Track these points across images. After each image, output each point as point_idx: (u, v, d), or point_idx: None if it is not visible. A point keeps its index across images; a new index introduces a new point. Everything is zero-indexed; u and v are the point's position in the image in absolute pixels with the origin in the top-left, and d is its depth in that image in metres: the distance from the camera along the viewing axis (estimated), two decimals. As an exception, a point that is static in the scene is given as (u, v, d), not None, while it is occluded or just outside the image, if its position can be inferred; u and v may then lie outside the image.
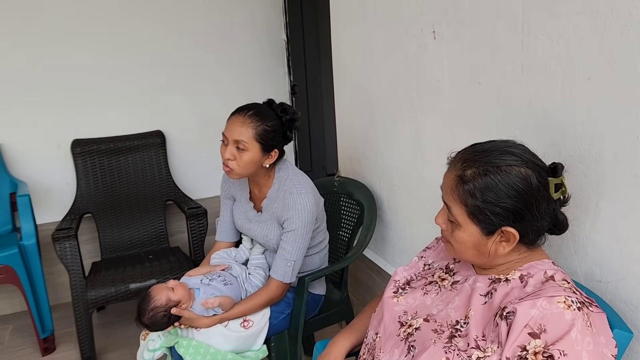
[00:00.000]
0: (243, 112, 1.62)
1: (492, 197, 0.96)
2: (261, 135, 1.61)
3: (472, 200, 0.98)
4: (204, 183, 3.06)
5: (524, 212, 0.97)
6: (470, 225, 1.01)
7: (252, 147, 1.61)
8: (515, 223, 0.97)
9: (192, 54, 3.02)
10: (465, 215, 1.00)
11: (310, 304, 1.83)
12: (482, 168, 0.98)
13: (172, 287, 1.59)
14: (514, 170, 0.97)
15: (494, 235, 1.00)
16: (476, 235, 1.01)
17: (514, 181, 0.96)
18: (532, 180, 0.97)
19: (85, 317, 2.26)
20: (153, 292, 1.59)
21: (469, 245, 1.03)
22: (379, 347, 1.11)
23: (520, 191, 0.96)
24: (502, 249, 1.00)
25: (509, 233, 0.98)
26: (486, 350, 0.94)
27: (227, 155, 1.62)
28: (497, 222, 0.98)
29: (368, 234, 1.93)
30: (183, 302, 1.58)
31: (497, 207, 0.96)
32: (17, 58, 2.69)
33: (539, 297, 0.92)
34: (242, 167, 1.63)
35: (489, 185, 0.97)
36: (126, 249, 2.72)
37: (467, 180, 0.99)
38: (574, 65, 1.12)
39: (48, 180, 2.84)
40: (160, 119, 2.99)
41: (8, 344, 2.57)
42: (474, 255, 1.04)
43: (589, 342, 0.88)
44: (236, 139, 1.60)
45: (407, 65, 1.79)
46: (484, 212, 0.98)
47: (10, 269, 2.30)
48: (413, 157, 1.85)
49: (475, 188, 0.98)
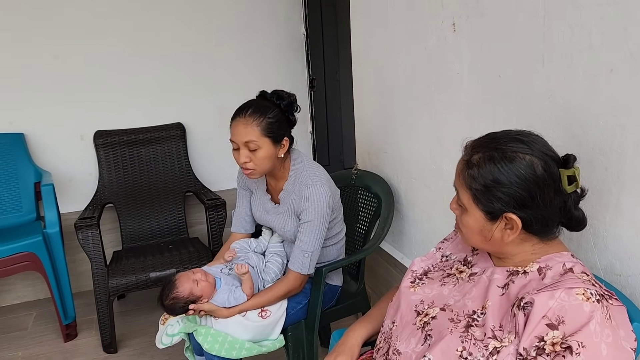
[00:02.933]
0: (242, 113, 1.61)
1: (493, 181, 0.97)
2: (267, 129, 1.60)
3: (475, 184, 0.99)
4: (223, 175, 3.09)
5: (526, 200, 0.97)
6: (475, 210, 1.02)
7: (263, 144, 1.60)
8: (517, 210, 0.97)
9: (212, 48, 3.05)
10: (471, 199, 1.02)
11: (327, 294, 1.84)
12: (488, 154, 0.99)
13: (197, 280, 1.61)
14: (518, 157, 0.97)
15: (498, 222, 1.00)
16: (481, 220, 1.02)
17: (517, 168, 0.96)
18: (537, 169, 0.96)
19: (107, 304, 2.31)
20: (179, 281, 1.61)
21: (475, 230, 1.04)
22: (396, 335, 1.12)
23: (522, 178, 0.96)
24: (507, 236, 1.01)
25: (512, 220, 0.98)
26: (503, 340, 0.94)
27: (243, 159, 1.61)
28: (498, 208, 0.98)
29: (385, 227, 1.93)
30: (204, 298, 1.61)
31: (499, 192, 0.97)
32: (42, 52, 2.75)
33: (557, 289, 0.92)
34: (261, 165, 1.63)
35: (491, 170, 0.97)
36: (146, 238, 2.76)
37: (473, 164, 1.00)
38: (596, 56, 1.11)
39: (71, 170, 2.91)
40: (180, 111, 3.03)
41: (32, 329, 2.64)
42: (481, 241, 1.05)
43: (608, 334, 0.88)
44: (245, 141, 1.59)
45: (427, 58, 1.78)
46: (486, 197, 0.99)
47: (34, 256, 2.36)
48: (431, 150, 1.84)
49: (478, 172, 0.99)
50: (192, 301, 1.59)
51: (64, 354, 2.40)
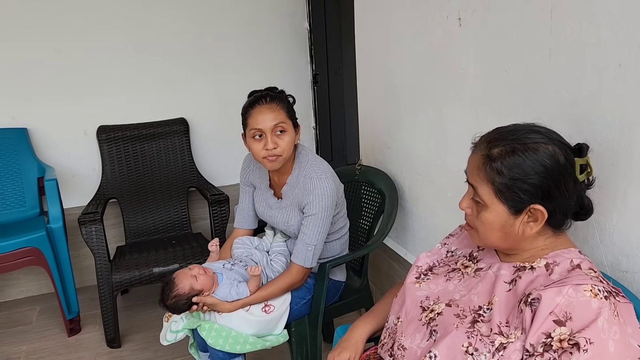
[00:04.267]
0: (262, 101, 1.64)
1: (520, 173, 0.96)
2: (290, 112, 1.67)
3: (500, 177, 0.98)
4: (227, 170, 3.09)
5: (552, 189, 0.96)
6: (497, 205, 1.00)
7: (289, 127, 1.65)
8: (543, 200, 0.96)
9: (215, 43, 3.04)
10: (492, 194, 1.00)
11: (330, 290, 1.84)
12: (510, 146, 0.98)
13: (195, 275, 1.61)
14: (541, 147, 0.96)
15: (522, 215, 0.99)
16: (503, 215, 1.00)
17: (542, 158, 0.95)
18: (560, 158, 0.96)
19: (110, 299, 2.31)
20: (177, 279, 1.61)
21: (496, 226, 1.01)
22: (401, 331, 1.12)
23: (548, 168, 0.95)
24: (529, 229, 0.99)
25: (538, 211, 0.97)
26: (509, 336, 0.94)
27: (271, 145, 1.61)
28: (525, 200, 0.97)
29: (389, 223, 1.93)
30: (205, 291, 1.61)
31: (525, 183, 0.96)
32: (45, 47, 2.74)
33: (565, 285, 0.91)
34: (287, 150, 1.66)
35: (516, 162, 0.96)
36: (150, 234, 2.77)
37: (495, 158, 0.98)
38: (604, 51, 1.10)
39: (74, 165, 2.91)
40: (183, 106, 3.03)
41: (36, 323, 2.65)
42: (500, 237, 1.03)
43: (615, 331, 0.87)
44: (275, 124, 1.62)
45: (432, 53, 1.77)
46: (512, 190, 0.97)
47: (38, 251, 2.37)
48: (436, 146, 1.84)
49: (502, 165, 0.97)
50: (194, 295, 1.59)
51: (67, 348, 2.41)
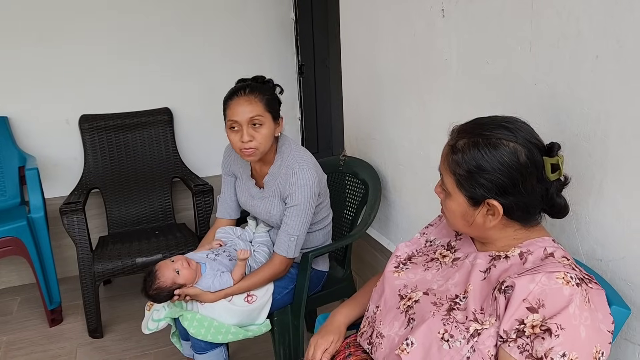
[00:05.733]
0: (241, 92, 1.62)
1: (476, 167, 0.98)
2: (269, 105, 1.63)
3: (459, 169, 1.00)
4: (211, 160, 3.06)
5: (508, 187, 0.97)
6: (458, 195, 1.03)
7: (266, 120, 1.62)
8: (499, 196, 0.98)
9: (200, 32, 3.01)
10: (454, 184, 1.02)
11: (313, 280, 1.85)
12: (473, 139, 0.99)
13: (177, 268, 1.61)
14: (502, 144, 0.97)
15: (480, 207, 1.01)
16: (463, 205, 1.03)
17: (501, 155, 0.97)
18: (520, 156, 0.97)
19: (92, 289, 2.30)
20: (159, 272, 1.61)
21: (458, 214, 1.05)
22: (379, 319, 1.13)
23: (506, 165, 0.96)
24: (489, 222, 1.02)
25: (494, 206, 0.99)
26: (484, 323, 0.96)
27: (247, 138, 1.60)
28: (480, 194, 0.99)
29: (372, 213, 1.94)
30: (188, 284, 1.61)
31: (482, 178, 0.98)
32: (26, 35, 2.69)
33: (537, 273, 0.93)
34: (263, 144, 1.63)
35: (475, 156, 0.98)
36: (133, 224, 2.75)
37: (457, 150, 1.01)
38: (582, 43, 1.11)
39: (56, 155, 2.87)
40: (168, 96, 2.99)
41: (17, 314, 2.62)
42: (464, 225, 1.06)
43: (586, 317, 0.89)
44: (251, 117, 1.60)
45: (415, 44, 1.77)
46: (469, 182, 1.00)
47: (19, 241, 2.34)
48: (419, 137, 1.85)
49: (462, 158, 0.99)
50: (175, 288, 1.59)
51: (49, 338, 2.39)
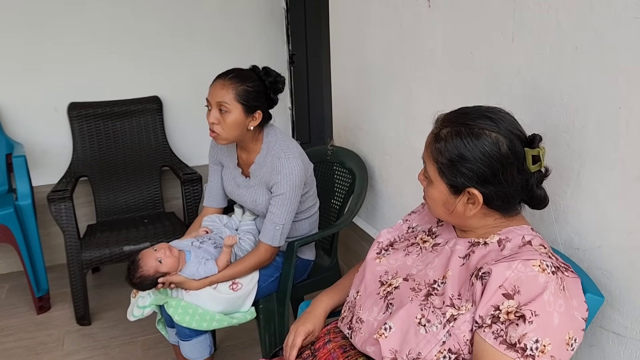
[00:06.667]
0: (224, 76, 1.65)
1: (458, 156, 0.99)
2: (242, 96, 1.63)
3: (441, 157, 1.01)
4: (200, 150, 3.04)
5: (488, 176, 0.99)
6: (439, 183, 1.04)
7: (234, 109, 1.63)
8: (479, 185, 1.00)
9: (190, 20, 2.99)
10: (436, 172, 1.04)
11: (299, 268, 1.86)
12: (456, 129, 1.01)
13: (160, 257, 1.61)
14: (484, 134, 0.99)
15: (461, 195, 1.02)
16: (444, 192, 1.04)
17: (482, 144, 0.98)
18: (502, 147, 0.98)
19: (80, 277, 2.30)
20: (142, 260, 1.61)
21: (439, 202, 1.06)
22: (359, 304, 1.15)
23: (487, 155, 0.98)
24: (469, 210, 1.03)
25: (474, 195, 1.00)
26: (460, 308, 0.97)
27: (212, 119, 1.64)
28: (460, 182, 1.00)
29: (358, 202, 1.95)
30: (171, 271, 1.62)
31: (463, 167, 0.99)
32: (15, 21, 2.67)
33: (514, 260, 0.94)
34: (227, 131, 1.65)
35: (457, 145, 0.99)
36: (121, 212, 2.75)
37: (440, 138, 1.02)
38: (562, 34, 1.12)
39: (44, 142, 2.85)
40: (157, 84, 2.98)
41: (4, 302, 2.62)
42: (444, 213, 1.08)
43: (560, 304, 0.91)
44: (218, 101, 1.62)
45: (402, 34, 1.78)
46: (450, 171, 1.01)
47: (6, 228, 2.34)
48: (405, 127, 1.86)
49: (445, 146, 1.01)
50: (159, 277, 1.60)
51: (36, 325, 2.40)
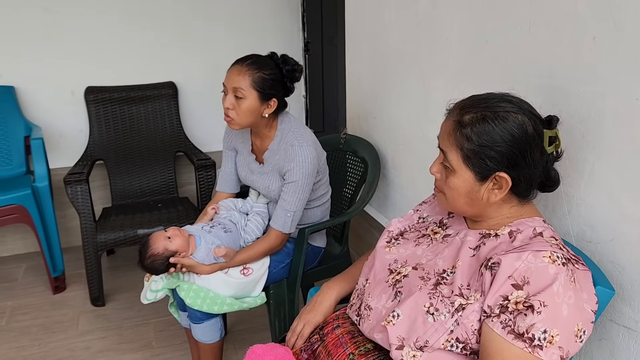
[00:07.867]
0: (241, 62, 1.65)
1: (488, 141, 0.98)
2: (258, 83, 1.63)
3: (468, 143, 0.99)
4: (215, 136, 3.04)
5: (518, 158, 0.98)
6: (464, 171, 1.02)
7: (249, 95, 1.63)
8: (508, 169, 0.99)
9: (206, 7, 2.99)
10: (461, 159, 1.02)
11: (309, 255, 1.87)
12: (481, 113, 1.00)
13: (169, 236, 1.63)
14: (511, 117, 0.98)
15: (487, 182, 1.01)
16: (470, 180, 1.02)
17: (511, 126, 0.97)
18: (528, 128, 0.98)
19: (95, 258, 2.34)
20: (151, 240, 1.64)
21: (462, 192, 1.04)
22: (368, 292, 1.15)
23: (516, 137, 0.97)
24: (494, 196, 1.02)
25: (502, 179, 0.99)
26: (469, 297, 0.97)
27: (227, 104, 1.65)
28: (491, 167, 0.99)
29: (370, 191, 1.95)
30: (181, 252, 1.64)
31: (493, 151, 0.98)
32: (32, 5, 2.69)
33: (524, 251, 0.94)
34: (242, 116, 1.65)
35: (486, 130, 0.98)
36: (136, 196, 2.78)
37: (465, 124, 1.00)
38: (580, 24, 1.10)
39: (61, 125, 2.89)
40: (172, 70, 3.00)
41: (21, 281, 2.68)
42: (466, 203, 1.05)
43: (570, 296, 0.90)
44: (234, 87, 1.63)
45: (418, 23, 1.76)
46: (479, 156, 0.99)
47: (24, 208, 2.38)
48: (418, 116, 1.85)
49: (472, 132, 0.99)
50: (169, 256, 1.62)
51: (52, 305, 2.45)
